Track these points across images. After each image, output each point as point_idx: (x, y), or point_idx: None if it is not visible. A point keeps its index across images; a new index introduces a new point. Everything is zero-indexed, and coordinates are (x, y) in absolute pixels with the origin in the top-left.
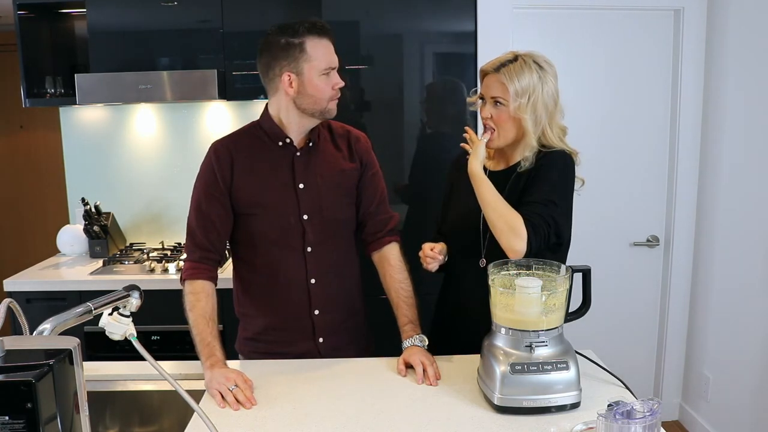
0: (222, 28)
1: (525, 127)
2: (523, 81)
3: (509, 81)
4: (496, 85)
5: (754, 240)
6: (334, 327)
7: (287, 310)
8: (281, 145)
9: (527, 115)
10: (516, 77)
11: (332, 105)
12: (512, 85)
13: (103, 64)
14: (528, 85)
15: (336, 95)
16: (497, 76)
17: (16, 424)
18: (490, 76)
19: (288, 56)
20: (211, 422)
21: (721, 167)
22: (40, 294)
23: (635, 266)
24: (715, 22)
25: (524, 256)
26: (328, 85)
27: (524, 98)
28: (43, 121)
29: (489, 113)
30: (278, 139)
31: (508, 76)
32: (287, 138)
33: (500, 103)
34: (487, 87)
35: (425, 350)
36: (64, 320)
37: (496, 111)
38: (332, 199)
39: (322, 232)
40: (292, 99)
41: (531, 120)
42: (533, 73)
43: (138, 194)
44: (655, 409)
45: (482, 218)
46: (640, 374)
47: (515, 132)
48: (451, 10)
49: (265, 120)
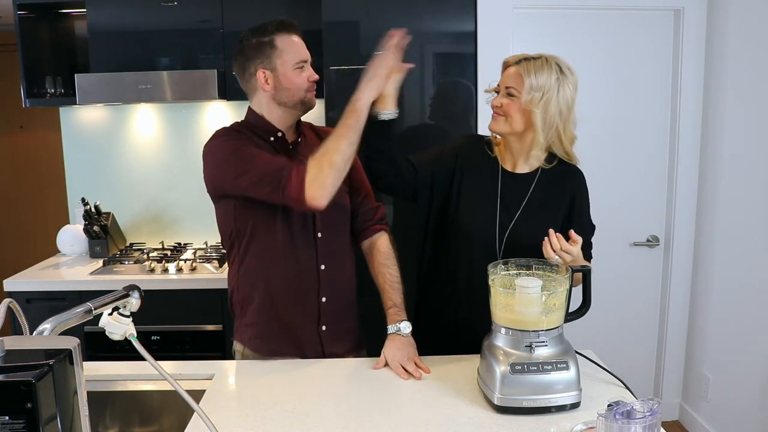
0: (222, 28)
1: (534, 123)
2: (540, 78)
3: (526, 74)
4: (513, 76)
5: (754, 240)
6: (337, 315)
7: (296, 294)
8: (273, 140)
9: (538, 109)
10: (534, 72)
11: (310, 96)
12: (528, 79)
13: (103, 64)
14: (544, 84)
15: (312, 87)
16: (516, 68)
17: (16, 424)
18: (510, 67)
19: (260, 54)
20: (211, 422)
21: (721, 167)
22: (40, 294)
23: (635, 266)
24: (715, 22)
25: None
26: (303, 78)
27: (538, 93)
28: (43, 121)
29: (500, 102)
30: (270, 134)
31: (526, 69)
32: (279, 132)
33: (512, 94)
34: (505, 78)
35: (406, 340)
36: (64, 320)
37: (507, 101)
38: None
39: (330, 218)
40: (271, 96)
41: (541, 117)
42: (552, 73)
43: (138, 194)
44: (655, 409)
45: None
46: (640, 374)
47: (523, 125)
48: (451, 10)
49: (252, 117)
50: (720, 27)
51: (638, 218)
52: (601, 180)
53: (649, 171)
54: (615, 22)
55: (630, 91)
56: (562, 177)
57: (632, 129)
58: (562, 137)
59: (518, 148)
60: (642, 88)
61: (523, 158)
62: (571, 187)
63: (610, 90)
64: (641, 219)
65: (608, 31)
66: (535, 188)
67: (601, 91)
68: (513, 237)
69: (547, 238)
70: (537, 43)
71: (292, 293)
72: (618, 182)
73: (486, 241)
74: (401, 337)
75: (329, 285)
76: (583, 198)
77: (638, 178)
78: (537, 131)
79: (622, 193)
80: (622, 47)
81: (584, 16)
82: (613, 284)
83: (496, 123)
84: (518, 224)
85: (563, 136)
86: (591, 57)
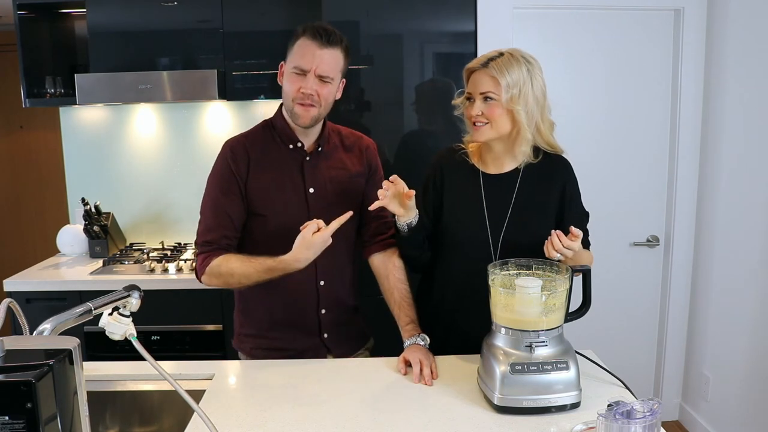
0: (222, 28)
1: (519, 120)
2: (513, 74)
3: (500, 74)
4: (485, 80)
5: (754, 240)
6: (339, 323)
7: (295, 310)
8: (292, 148)
9: (520, 107)
10: (506, 70)
11: (298, 109)
12: (503, 78)
13: (103, 64)
14: (518, 78)
15: (301, 99)
16: (486, 71)
17: (16, 424)
18: (477, 72)
19: (288, 49)
20: (211, 422)
21: (721, 167)
22: (40, 294)
23: (635, 266)
24: (715, 22)
25: None
26: (294, 85)
27: (515, 90)
28: (43, 121)
29: (479, 110)
30: (290, 141)
31: (498, 69)
32: (299, 142)
33: (490, 98)
34: (475, 84)
35: (426, 349)
36: (64, 320)
37: (487, 106)
38: (341, 204)
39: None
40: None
41: (524, 112)
42: (522, 66)
43: (138, 194)
44: (655, 409)
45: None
46: (640, 374)
47: (510, 125)
48: (451, 10)
49: (278, 119)
50: (720, 27)
51: (638, 218)
52: (601, 180)
53: (649, 171)
54: (615, 22)
55: (630, 91)
56: (549, 170)
57: (632, 129)
58: (541, 126)
59: (503, 149)
60: (642, 88)
61: (510, 157)
62: (559, 178)
63: (610, 90)
64: (641, 219)
65: (608, 31)
66: (522, 185)
67: (601, 91)
68: (508, 239)
69: (548, 239)
70: (537, 43)
71: (291, 308)
72: (618, 182)
73: (479, 247)
74: (420, 346)
75: (329, 297)
76: (573, 187)
77: (638, 178)
78: (522, 127)
79: (622, 193)
80: (622, 47)
81: (584, 16)
82: (613, 284)
83: (481, 132)
84: (511, 225)
85: (542, 126)
86: (591, 57)
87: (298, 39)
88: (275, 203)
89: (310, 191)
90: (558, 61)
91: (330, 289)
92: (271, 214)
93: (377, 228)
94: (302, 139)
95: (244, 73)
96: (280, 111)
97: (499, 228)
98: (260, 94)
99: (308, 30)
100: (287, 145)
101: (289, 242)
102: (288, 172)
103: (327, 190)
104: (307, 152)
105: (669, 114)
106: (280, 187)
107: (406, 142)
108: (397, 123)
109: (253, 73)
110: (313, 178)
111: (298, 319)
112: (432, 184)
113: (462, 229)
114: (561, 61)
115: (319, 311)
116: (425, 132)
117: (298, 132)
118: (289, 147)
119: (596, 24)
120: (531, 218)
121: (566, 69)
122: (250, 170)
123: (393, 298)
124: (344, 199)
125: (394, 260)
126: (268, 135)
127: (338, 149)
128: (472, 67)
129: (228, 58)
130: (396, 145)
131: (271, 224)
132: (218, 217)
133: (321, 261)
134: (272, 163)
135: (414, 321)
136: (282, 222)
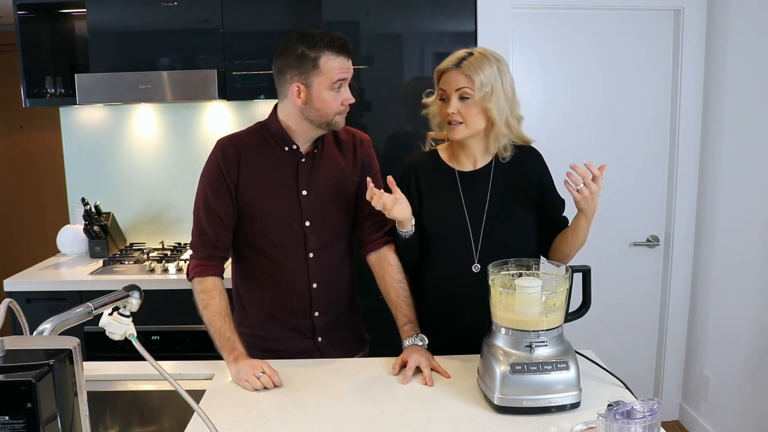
0: (222, 28)
1: (493, 117)
2: (485, 72)
3: (473, 72)
4: (459, 79)
5: (754, 240)
6: (333, 325)
7: (288, 312)
8: (287, 150)
9: (492, 104)
10: (479, 68)
11: (339, 119)
12: (477, 76)
13: (103, 64)
14: (490, 76)
15: (344, 110)
16: (460, 71)
17: (16, 424)
18: (449, 72)
19: (300, 67)
20: (211, 422)
21: (721, 167)
22: (40, 294)
23: (635, 266)
24: (715, 22)
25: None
26: (337, 101)
27: (488, 87)
28: (43, 121)
29: (455, 108)
30: (285, 144)
31: (471, 68)
32: (294, 144)
33: (466, 96)
34: (449, 83)
35: (425, 350)
36: (64, 320)
37: (463, 105)
38: (334, 206)
39: (323, 237)
40: (300, 110)
41: (496, 109)
42: (492, 64)
43: (138, 194)
44: (655, 409)
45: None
46: (640, 374)
47: (484, 123)
48: (451, 10)
49: (273, 122)
50: (720, 27)
51: (638, 218)
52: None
53: (649, 171)
54: (615, 22)
55: (630, 90)
56: (522, 163)
57: (632, 129)
58: (510, 121)
59: (477, 145)
60: (642, 88)
61: (483, 153)
62: (532, 169)
63: (610, 90)
64: (641, 219)
65: (608, 31)
66: (496, 178)
67: (601, 90)
68: (489, 231)
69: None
70: (537, 43)
71: (285, 309)
72: (618, 182)
73: (461, 244)
74: (419, 347)
75: (322, 299)
76: (547, 176)
77: (638, 178)
78: (496, 123)
79: (622, 193)
80: (622, 47)
81: (584, 16)
82: (613, 284)
83: (456, 131)
84: (490, 218)
85: (511, 120)
86: (591, 57)
87: (320, 58)
88: (267, 205)
89: (303, 193)
90: (558, 61)
91: (323, 291)
92: (262, 216)
93: (372, 227)
94: (299, 142)
95: (244, 73)
96: (275, 113)
97: (479, 222)
98: (260, 94)
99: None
100: (282, 148)
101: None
102: (281, 175)
103: (320, 193)
104: (303, 154)
105: (669, 114)
106: (272, 189)
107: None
108: (397, 123)
109: (253, 73)
110: (307, 181)
111: (292, 320)
112: (407, 191)
113: (445, 229)
114: (561, 61)
115: (312, 314)
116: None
117: (295, 135)
118: (284, 149)
119: (596, 24)
120: (509, 209)
121: (566, 69)
122: (241, 171)
123: (390, 298)
124: (337, 201)
125: (390, 258)
126: (262, 137)
127: (332, 148)
128: (444, 67)
129: (228, 58)
130: (396, 145)
131: (263, 226)
132: (209, 217)
133: (313, 264)
134: (265, 165)
135: (412, 321)
136: (273, 224)
